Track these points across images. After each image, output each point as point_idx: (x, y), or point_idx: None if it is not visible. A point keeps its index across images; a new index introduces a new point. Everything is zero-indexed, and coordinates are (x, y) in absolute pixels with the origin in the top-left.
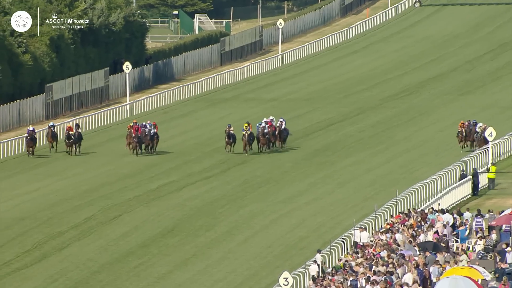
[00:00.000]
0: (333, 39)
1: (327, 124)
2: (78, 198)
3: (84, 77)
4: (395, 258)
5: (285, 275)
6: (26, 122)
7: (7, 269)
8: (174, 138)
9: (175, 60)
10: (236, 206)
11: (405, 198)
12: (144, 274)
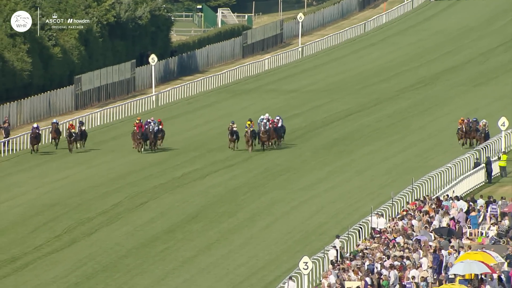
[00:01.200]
0: (351, 32)
1: (346, 114)
2: (106, 186)
3: (112, 69)
4: (411, 243)
5: (305, 259)
6: (56, 113)
7: (39, 253)
8: (198, 128)
9: (199, 52)
10: (257, 194)
11: (420, 185)
12: (169, 258)
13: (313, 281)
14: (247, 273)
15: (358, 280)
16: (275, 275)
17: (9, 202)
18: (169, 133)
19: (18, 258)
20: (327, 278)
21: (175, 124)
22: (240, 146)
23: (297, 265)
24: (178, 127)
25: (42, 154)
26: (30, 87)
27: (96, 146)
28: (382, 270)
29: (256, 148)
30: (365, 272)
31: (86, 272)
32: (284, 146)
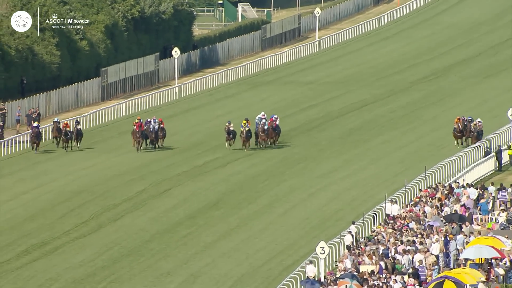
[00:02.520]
0: (367, 26)
1: (361, 105)
2: (131, 174)
3: (136, 62)
4: (423, 229)
5: (321, 244)
6: (83, 104)
7: (67, 238)
8: (219, 118)
9: (220, 46)
10: (276, 181)
11: (433, 173)
12: (192, 243)
13: (330, 265)
14: (266, 257)
15: (373, 264)
16: (293, 259)
17: (38, 189)
18: (191, 124)
19: (48, 243)
20: (343, 262)
21: (197, 115)
22: (236, 145)
23: (314, 249)
24: (200, 117)
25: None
26: (58, 79)
27: (121, 136)
28: (395, 254)
29: (252, 147)
30: (379, 257)
31: (112, 256)
32: (301, 135)
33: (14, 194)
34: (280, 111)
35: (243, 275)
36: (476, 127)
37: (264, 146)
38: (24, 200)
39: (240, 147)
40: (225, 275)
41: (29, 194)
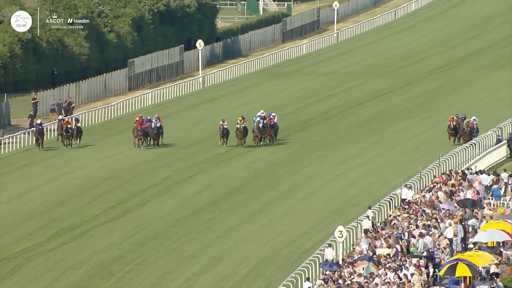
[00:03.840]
0: (383, 19)
1: (378, 94)
2: (157, 160)
3: (162, 53)
4: (438, 213)
5: (339, 228)
6: (111, 93)
7: (95, 222)
8: (241, 108)
9: (242, 38)
10: (296, 168)
11: (446, 160)
12: (215, 227)
13: (347, 248)
14: (286, 241)
15: (389, 247)
16: (312, 243)
17: (68, 175)
18: (215, 113)
19: (77, 227)
20: (359, 246)
21: (220, 104)
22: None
23: (333, 233)
24: (222, 107)
25: (99, 130)
26: (87, 70)
27: None
28: (410, 238)
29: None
30: (395, 240)
31: (138, 239)
32: (320, 124)
33: (45, 180)
34: (300, 101)
35: (264, 258)
36: (468, 124)
37: (258, 144)
38: (55, 186)
39: (235, 144)
40: (247, 258)
41: (60, 180)
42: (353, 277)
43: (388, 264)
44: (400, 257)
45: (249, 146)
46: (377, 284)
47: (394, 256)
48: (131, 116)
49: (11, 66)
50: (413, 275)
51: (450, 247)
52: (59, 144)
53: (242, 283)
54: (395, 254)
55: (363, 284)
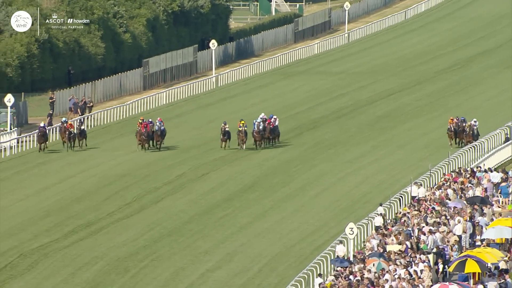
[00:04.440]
0: (393, 19)
1: (388, 94)
2: (171, 158)
3: (176, 53)
4: (447, 210)
5: (350, 225)
6: (126, 92)
7: (111, 219)
8: (254, 106)
9: (255, 38)
10: (308, 166)
11: (456, 158)
12: (228, 224)
13: (358, 245)
14: (298, 237)
15: (399, 244)
16: (323, 240)
17: (84, 173)
18: (228, 111)
19: (93, 223)
20: (370, 242)
21: (233, 103)
22: (232, 146)
23: (344, 230)
24: (235, 105)
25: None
26: (103, 70)
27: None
28: (420, 235)
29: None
30: (405, 237)
31: (153, 236)
32: (332, 122)
33: (62, 178)
34: (311, 100)
35: (276, 254)
36: (471, 127)
37: (257, 147)
38: (71, 183)
39: (236, 147)
40: (260, 254)
41: (76, 177)
42: (363, 273)
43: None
44: (410, 253)
45: (250, 149)
46: (387, 280)
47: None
48: (145, 115)
49: (28, 66)
50: (422, 271)
51: (459, 244)
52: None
53: (254, 279)
54: (405, 251)
55: (374, 280)
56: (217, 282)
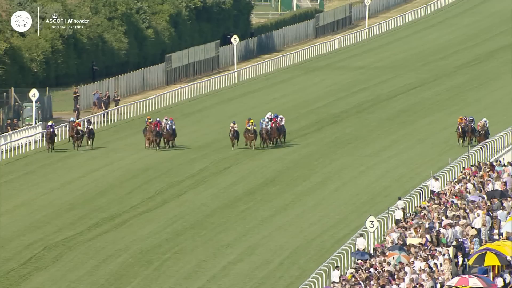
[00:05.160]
0: (414, 14)
1: (408, 88)
2: (194, 152)
3: (198, 49)
4: (467, 204)
5: (371, 219)
6: (149, 87)
7: (134, 212)
8: (275, 101)
9: (276, 33)
10: (328, 160)
11: (475, 152)
12: (250, 217)
13: (378, 238)
14: (319, 230)
15: (419, 237)
16: (344, 233)
17: (108, 167)
18: (249, 106)
19: (116, 216)
20: (390, 236)
21: (255, 98)
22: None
23: (364, 223)
24: (257, 100)
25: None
26: (126, 65)
27: (184, 117)
28: (440, 228)
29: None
30: (425, 230)
31: (176, 229)
32: (352, 117)
33: (86, 171)
34: (332, 95)
35: (297, 247)
36: (483, 127)
37: (265, 146)
38: (95, 177)
39: (244, 147)
40: (281, 247)
41: (100, 171)
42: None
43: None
44: (430, 246)
45: (257, 148)
46: (407, 273)
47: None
48: (168, 110)
49: (53, 61)
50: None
51: (479, 237)
52: (100, 136)
53: (276, 271)
54: (424, 244)
55: (394, 273)
56: (238, 274)
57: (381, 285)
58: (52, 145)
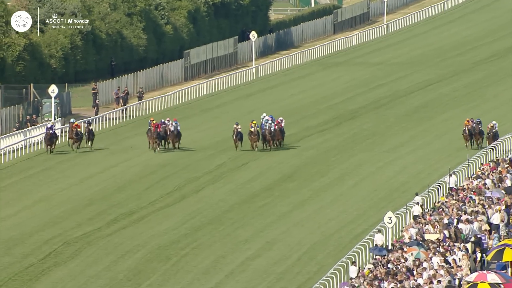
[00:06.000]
0: (432, 10)
1: (426, 84)
2: (212, 148)
3: (217, 45)
4: (485, 200)
5: (389, 214)
6: (167, 83)
7: (152, 208)
8: (293, 97)
9: (294, 29)
10: (346, 155)
11: (494, 148)
12: (267, 213)
13: (396, 233)
14: (337, 226)
15: (437, 233)
16: (362, 228)
17: (127, 162)
18: (267, 102)
19: (135, 212)
20: (408, 232)
21: (273, 94)
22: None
23: (382, 219)
24: (275, 96)
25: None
26: (145, 61)
27: (202, 113)
28: (458, 224)
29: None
30: (443, 226)
31: (194, 224)
32: (371, 112)
33: (104, 167)
34: (350, 90)
35: (315, 243)
36: (492, 129)
37: (270, 148)
38: (113, 173)
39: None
40: (299, 243)
41: (118, 167)
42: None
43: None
44: (448, 242)
45: (261, 150)
46: (425, 268)
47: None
48: (186, 106)
49: (72, 57)
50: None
51: (498, 233)
52: (119, 132)
53: (294, 267)
54: (443, 240)
55: (412, 268)
56: (256, 270)
57: (399, 280)
58: (51, 147)
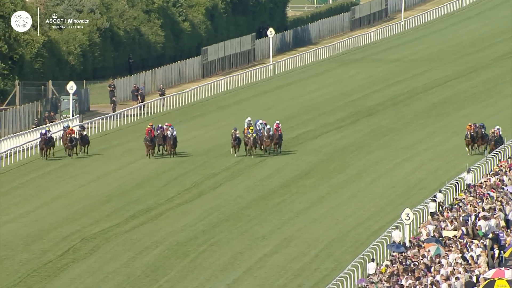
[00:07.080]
0: (450, 7)
1: (444, 81)
2: (229, 144)
3: (234, 41)
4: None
5: (406, 211)
6: (185, 80)
7: (170, 204)
8: (311, 94)
9: (312, 26)
10: (364, 152)
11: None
12: (285, 210)
13: (414, 230)
14: (355, 223)
15: (454, 229)
16: (379, 225)
17: (145, 159)
18: (285, 98)
19: (153, 208)
20: (425, 228)
21: (290, 90)
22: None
23: (400, 216)
24: (293, 93)
25: (174, 116)
26: (162, 58)
27: (220, 110)
28: (476, 221)
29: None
30: (461, 223)
31: (212, 221)
32: (388, 109)
33: (122, 164)
34: (367, 87)
35: (333, 239)
36: (494, 134)
37: (268, 152)
38: (131, 169)
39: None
40: (316, 239)
41: (136, 163)
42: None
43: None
44: (466, 239)
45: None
46: (443, 265)
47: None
48: (204, 102)
49: (90, 54)
50: (479, 257)
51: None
52: (137, 129)
53: (311, 263)
54: (460, 237)
55: (430, 265)
56: (274, 266)
57: (417, 277)
58: (46, 152)
